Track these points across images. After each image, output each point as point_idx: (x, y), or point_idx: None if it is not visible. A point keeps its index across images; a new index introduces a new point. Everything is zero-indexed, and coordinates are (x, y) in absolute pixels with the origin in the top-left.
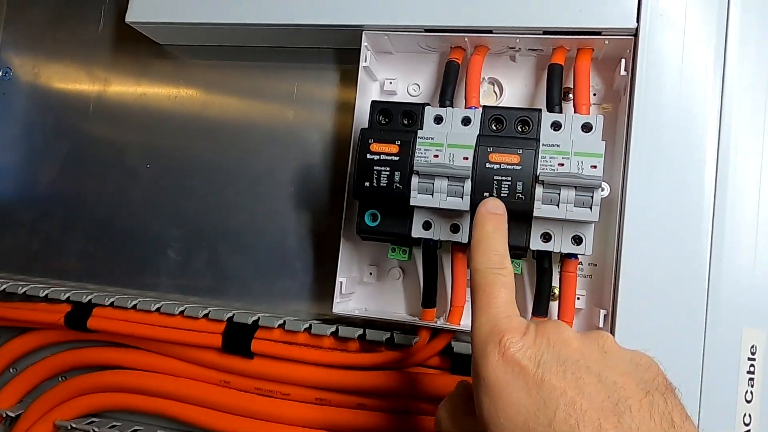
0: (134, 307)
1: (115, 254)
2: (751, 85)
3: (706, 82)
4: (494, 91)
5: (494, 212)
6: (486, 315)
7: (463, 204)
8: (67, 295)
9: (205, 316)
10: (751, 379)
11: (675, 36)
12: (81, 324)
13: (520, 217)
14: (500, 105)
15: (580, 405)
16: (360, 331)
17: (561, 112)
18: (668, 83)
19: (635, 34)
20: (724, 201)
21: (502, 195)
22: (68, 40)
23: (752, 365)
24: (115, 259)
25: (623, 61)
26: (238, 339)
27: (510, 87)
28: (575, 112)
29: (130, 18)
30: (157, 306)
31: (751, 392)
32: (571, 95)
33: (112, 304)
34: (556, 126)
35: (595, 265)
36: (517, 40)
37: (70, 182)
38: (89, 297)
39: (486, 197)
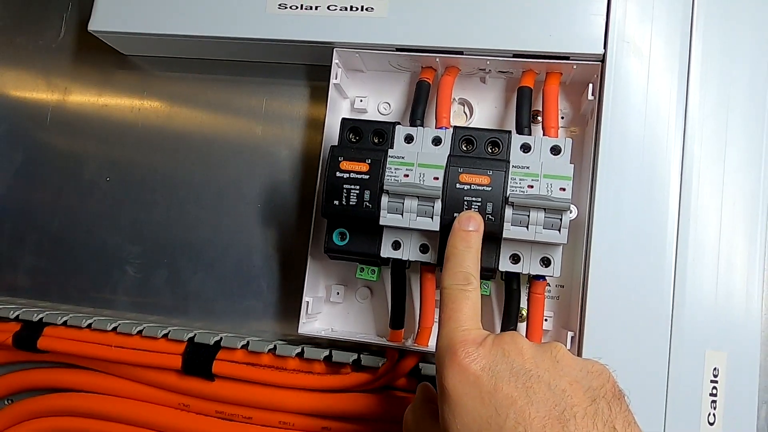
0: (89, 326)
1: (69, 270)
2: (712, 110)
3: (670, 107)
4: (464, 112)
5: (467, 230)
6: (446, 328)
7: (433, 224)
8: (16, 313)
9: (165, 336)
10: (714, 401)
11: (640, 62)
12: (31, 344)
13: (490, 239)
14: (470, 126)
15: (528, 413)
16: (326, 353)
17: (530, 134)
18: (634, 108)
19: (602, 59)
20: (687, 224)
21: None
22: (26, 46)
23: (714, 387)
24: (70, 276)
25: (590, 85)
26: (198, 360)
27: (480, 108)
28: (544, 134)
29: (92, 27)
30: (113, 325)
31: (714, 414)
32: (539, 118)
33: (65, 323)
34: (525, 148)
35: (563, 286)
36: (488, 62)
37: (22, 194)
38: (40, 315)
39: (456, 217)
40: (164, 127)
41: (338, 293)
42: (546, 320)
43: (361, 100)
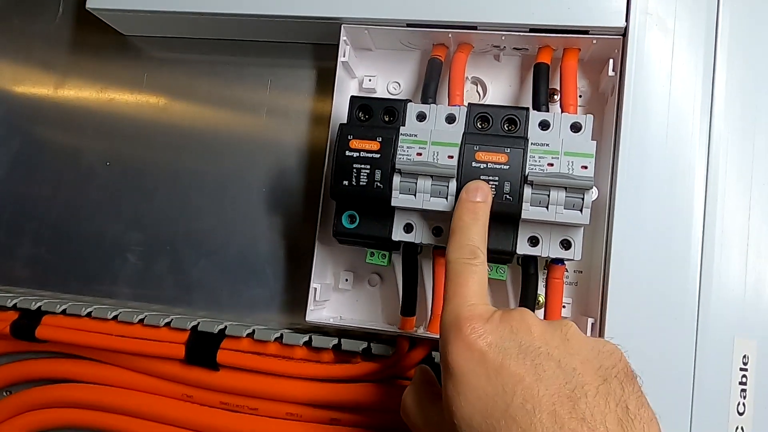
0: (89, 314)
1: (69, 260)
2: (741, 85)
3: (696, 84)
4: (477, 91)
5: (474, 201)
6: (452, 303)
7: (448, 205)
8: (14, 301)
9: (167, 324)
10: (743, 390)
11: (664, 36)
12: (29, 333)
13: (507, 220)
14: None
15: (537, 391)
16: (335, 341)
17: (548, 111)
18: (657, 84)
19: (624, 33)
20: (714, 205)
21: None
22: (22, 28)
23: (744, 376)
24: (69, 265)
25: (611, 61)
26: (202, 349)
27: (494, 87)
28: (562, 112)
29: (91, 4)
30: (114, 314)
31: (744, 404)
32: (556, 97)
33: (64, 312)
34: (544, 125)
35: (581, 272)
36: (503, 38)
37: (20, 182)
38: (39, 304)
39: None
40: (166, 112)
41: (347, 280)
42: (564, 307)
43: (370, 80)
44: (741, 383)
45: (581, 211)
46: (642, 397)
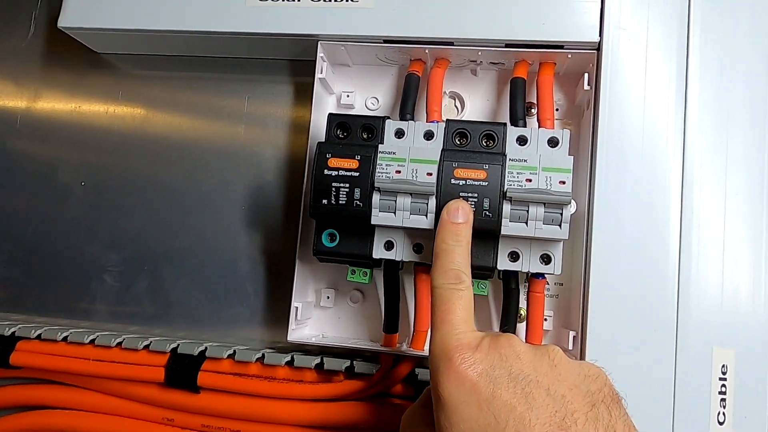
0: (65, 339)
1: (44, 280)
2: (713, 95)
3: (669, 95)
4: (455, 106)
5: (456, 222)
6: (440, 332)
7: (428, 222)
8: None
9: (146, 347)
10: (723, 399)
11: (637, 49)
12: (3, 360)
13: (487, 236)
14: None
15: (528, 419)
16: (317, 360)
17: (525, 126)
18: (632, 97)
19: (598, 48)
20: (691, 215)
21: None
22: None
23: (723, 385)
24: (45, 286)
25: (586, 75)
26: (182, 372)
27: (472, 101)
28: (540, 126)
29: (63, 23)
30: (91, 337)
31: (724, 413)
32: (533, 110)
33: (39, 337)
34: (521, 141)
35: (562, 284)
36: (479, 53)
37: None
38: (12, 329)
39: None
40: (142, 130)
41: (328, 297)
42: (546, 320)
43: (348, 96)
44: (720, 393)
45: (560, 226)
46: (628, 419)
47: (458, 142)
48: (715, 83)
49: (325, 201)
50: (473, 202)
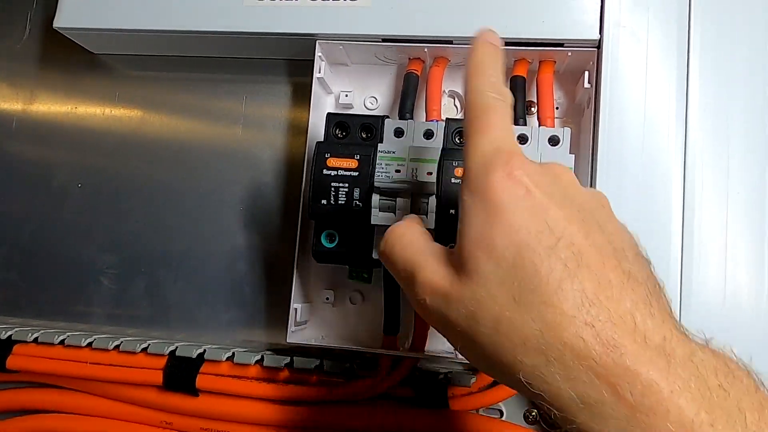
0: (62, 342)
1: (40, 283)
2: (714, 93)
3: (670, 93)
4: (455, 105)
5: (494, 41)
6: (488, 135)
7: (428, 222)
8: None
9: (144, 350)
10: None
11: (638, 47)
12: None
13: None
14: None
15: (583, 240)
16: (317, 362)
17: (526, 125)
18: (632, 95)
19: (598, 45)
20: (692, 214)
21: None
22: None
23: None
24: (42, 289)
25: (587, 73)
26: (181, 375)
27: None
28: (540, 125)
29: (58, 23)
30: (88, 341)
31: None
32: (533, 109)
33: (36, 340)
34: (522, 139)
35: None
36: None
37: None
38: (9, 333)
39: (452, 214)
40: (139, 131)
41: (328, 299)
42: None
43: (347, 95)
44: None
45: None
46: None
47: (458, 141)
48: (715, 81)
49: (324, 201)
50: None
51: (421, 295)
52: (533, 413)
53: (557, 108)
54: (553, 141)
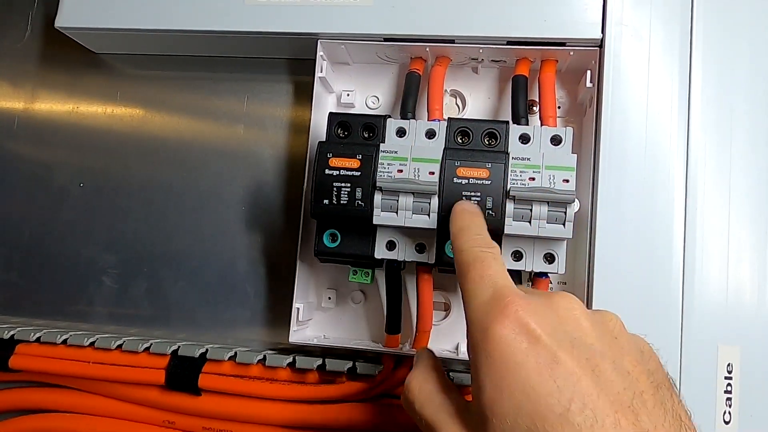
0: (64, 342)
1: (42, 283)
2: (717, 91)
3: (672, 92)
4: (457, 104)
5: (470, 209)
6: (482, 282)
7: (430, 222)
8: None
9: (146, 349)
10: (729, 399)
11: (640, 46)
12: (2, 363)
13: (491, 235)
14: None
15: (596, 396)
16: (319, 361)
17: (528, 124)
18: (635, 94)
19: (600, 45)
20: (694, 213)
21: None
22: None
23: (729, 384)
24: (43, 289)
25: (588, 72)
26: (183, 374)
27: (473, 99)
28: (542, 124)
29: (60, 23)
30: (90, 340)
31: (729, 413)
32: (535, 108)
33: (38, 340)
34: (524, 139)
35: (565, 283)
36: (480, 51)
37: None
38: (11, 332)
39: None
40: (140, 130)
41: (330, 298)
42: None
43: (348, 94)
44: (726, 392)
45: (564, 224)
46: (684, 405)
47: (460, 141)
48: (718, 79)
49: (326, 201)
50: (476, 201)
51: None
52: None
53: (559, 107)
54: (555, 140)
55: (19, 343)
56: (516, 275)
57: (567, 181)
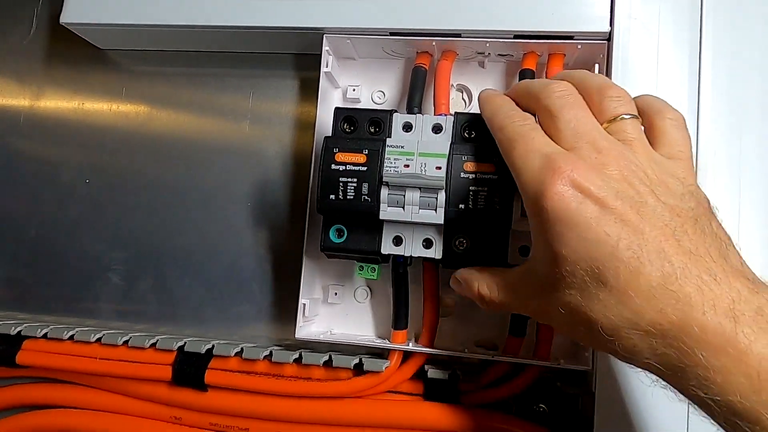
0: (71, 338)
1: (49, 280)
2: (726, 86)
3: (681, 86)
4: (463, 99)
5: (495, 92)
6: (530, 157)
7: (437, 217)
8: None
9: (153, 345)
10: None
11: (649, 39)
12: (9, 359)
13: (498, 231)
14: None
15: (642, 230)
16: (325, 357)
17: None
18: (643, 87)
19: (608, 38)
20: None
21: (479, 207)
22: None
23: None
24: (49, 286)
25: (596, 66)
26: (190, 370)
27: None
28: None
29: (65, 19)
30: (97, 336)
31: None
32: None
33: (45, 336)
34: None
35: None
36: (487, 45)
37: None
38: (18, 328)
39: (461, 209)
40: (145, 127)
41: (336, 294)
42: None
43: (354, 89)
44: None
45: None
46: (724, 229)
47: (467, 135)
48: (728, 73)
49: (332, 196)
50: (483, 196)
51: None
52: (542, 408)
53: None
54: None
55: (26, 339)
56: None
57: None
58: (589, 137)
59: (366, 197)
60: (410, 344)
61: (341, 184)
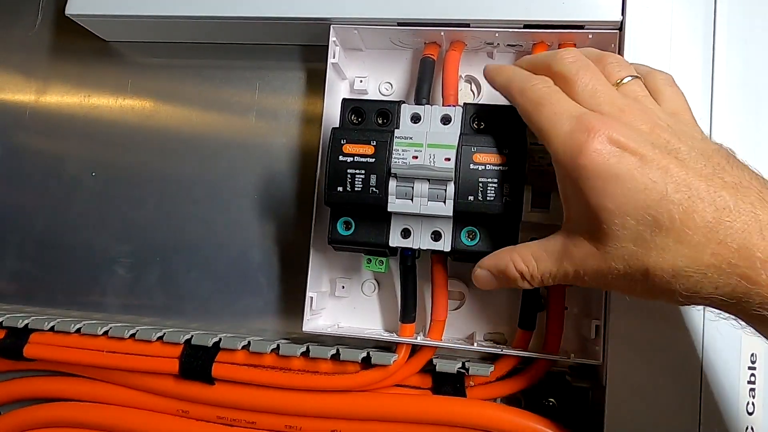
0: (78, 331)
1: (55, 273)
2: (741, 76)
3: (695, 77)
4: (471, 90)
5: (502, 64)
6: (559, 119)
7: (446, 209)
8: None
9: (160, 339)
10: (753, 389)
11: (661, 28)
12: (16, 352)
13: (508, 223)
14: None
15: (685, 173)
16: (333, 351)
17: None
18: None
19: (620, 27)
20: None
21: (489, 198)
22: (1, 36)
23: (753, 375)
24: (56, 279)
25: None
26: (197, 363)
27: (488, 85)
28: None
29: (70, 10)
30: (104, 329)
31: (753, 403)
32: None
33: (52, 329)
34: None
35: None
36: (496, 35)
37: (1, 194)
38: (26, 321)
39: (471, 200)
40: (151, 120)
41: (343, 287)
42: (566, 308)
43: (361, 81)
44: (750, 382)
45: None
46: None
47: (476, 126)
48: (743, 63)
49: (340, 188)
50: (493, 188)
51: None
52: (552, 402)
53: None
54: None
55: (34, 332)
56: None
57: None
58: (607, 97)
59: (374, 189)
60: (418, 337)
61: (349, 175)
